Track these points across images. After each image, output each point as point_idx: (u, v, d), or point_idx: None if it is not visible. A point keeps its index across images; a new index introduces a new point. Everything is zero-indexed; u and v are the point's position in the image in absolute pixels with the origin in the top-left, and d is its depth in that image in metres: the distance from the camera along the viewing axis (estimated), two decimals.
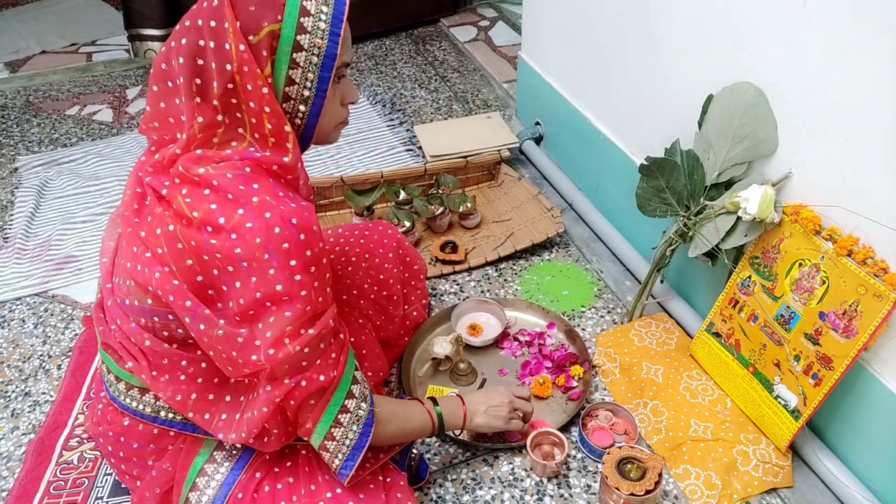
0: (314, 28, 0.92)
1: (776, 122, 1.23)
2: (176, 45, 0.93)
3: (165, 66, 0.95)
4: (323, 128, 1.01)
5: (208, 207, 0.91)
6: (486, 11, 3.20)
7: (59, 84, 2.81)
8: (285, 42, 0.91)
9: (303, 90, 0.95)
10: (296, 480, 1.09)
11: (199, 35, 0.90)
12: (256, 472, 1.10)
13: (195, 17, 0.92)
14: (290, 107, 0.96)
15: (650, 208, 1.40)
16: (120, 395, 1.09)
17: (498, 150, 2.06)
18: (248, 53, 0.90)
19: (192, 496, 1.09)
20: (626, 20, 1.61)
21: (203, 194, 0.92)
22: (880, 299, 1.08)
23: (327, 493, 1.06)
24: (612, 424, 1.36)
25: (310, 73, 0.94)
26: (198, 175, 0.93)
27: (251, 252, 0.89)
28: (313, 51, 0.93)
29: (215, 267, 0.92)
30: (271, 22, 0.90)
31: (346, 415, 1.01)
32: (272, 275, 0.90)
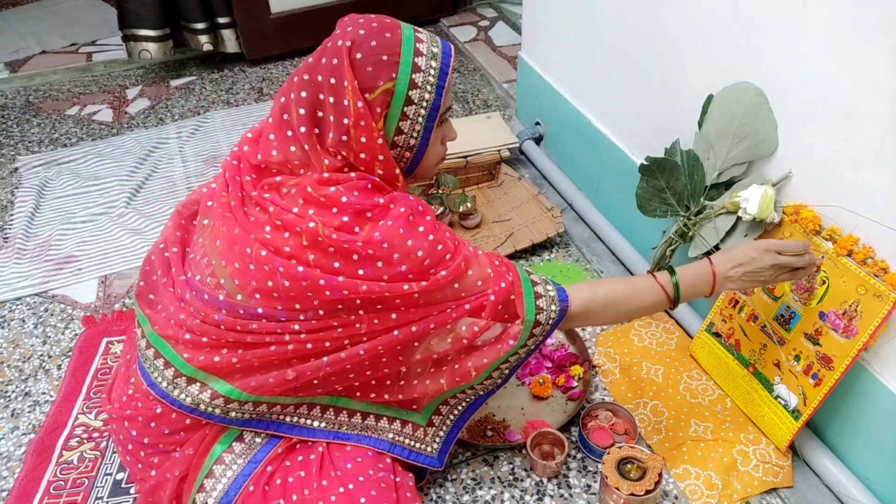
0: (424, 83, 1.01)
1: (776, 122, 1.23)
2: (296, 97, 1.02)
3: (287, 116, 1.04)
4: (424, 168, 1.11)
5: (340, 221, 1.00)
6: (486, 11, 3.20)
7: (59, 84, 2.81)
8: (398, 98, 1.01)
9: (410, 139, 1.05)
10: (307, 475, 1.10)
11: (319, 90, 1.00)
12: (268, 466, 1.11)
13: (314, 73, 1.00)
14: (397, 153, 1.06)
15: (650, 208, 1.40)
16: (163, 381, 1.09)
17: (498, 150, 2.06)
18: (364, 110, 0.99)
19: (207, 483, 1.10)
20: (626, 20, 1.61)
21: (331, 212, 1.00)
22: (880, 299, 1.08)
23: (339, 488, 1.08)
24: (612, 424, 1.36)
25: (417, 124, 1.03)
26: (325, 195, 1.00)
27: (389, 235, 1.00)
28: (422, 104, 1.02)
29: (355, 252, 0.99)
30: (386, 81, 0.99)
31: (542, 299, 1.09)
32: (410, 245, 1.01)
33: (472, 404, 1.22)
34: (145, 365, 1.12)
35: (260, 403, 1.08)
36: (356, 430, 1.16)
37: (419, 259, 1.01)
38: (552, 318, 1.10)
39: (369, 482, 1.09)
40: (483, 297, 1.06)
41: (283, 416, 1.12)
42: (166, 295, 1.14)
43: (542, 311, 1.09)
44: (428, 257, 1.02)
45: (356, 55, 0.99)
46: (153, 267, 1.19)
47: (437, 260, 1.03)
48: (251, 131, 1.12)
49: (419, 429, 1.19)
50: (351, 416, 1.15)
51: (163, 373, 1.09)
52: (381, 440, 1.16)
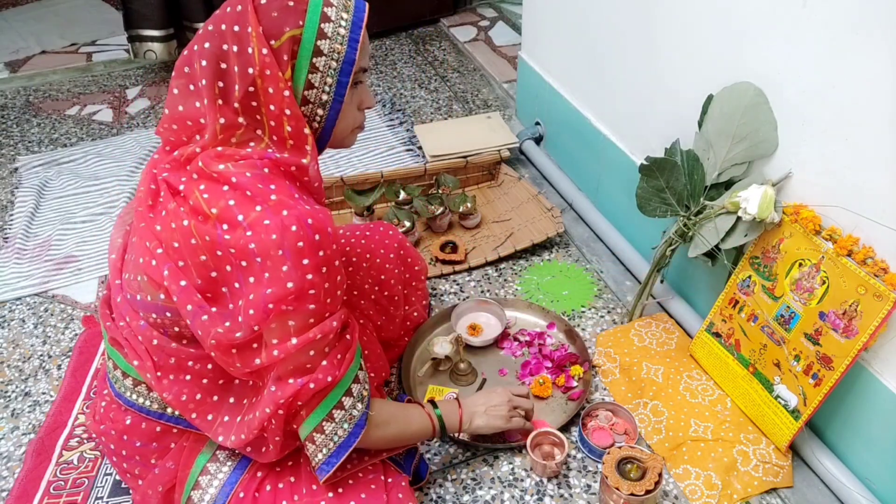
0: (334, 34, 0.95)
1: (776, 122, 1.23)
2: (199, 48, 0.95)
3: (188, 69, 0.97)
4: (339, 132, 1.04)
5: (226, 204, 0.93)
6: (486, 11, 3.20)
7: (59, 84, 2.81)
8: (306, 47, 0.94)
9: (321, 94, 0.98)
10: (297, 480, 1.09)
11: (223, 39, 0.93)
12: (258, 472, 1.10)
13: (218, 22, 0.94)
14: (309, 110, 0.98)
15: (650, 208, 1.40)
16: (126, 391, 1.09)
17: (498, 150, 2.06)
18: (270, 57, 0.92)
19: (194, 494, 1.09)
20: (626, 20, 1.61)
21: (221, 190, 0.94)
22: (880, 299, 1.08)
23: (329, 492, 1.06)
24: (612, 424, 1.36)
25: (329, 77, 0.97)
26: (217, 171, 0.94)
27: (266, 248, 0.90)
28: (333, 56, 0.96)
29: (229, 263, 0.93)
30: (293, 27, 0.93)
31: (341, 411, 1.01)
32: (284, 272, 0.91)
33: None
34: (109, 376, 1.12)
35: None
36: None
37: (286, 291, 0.91)
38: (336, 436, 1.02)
39: (359, 484, 1.09)
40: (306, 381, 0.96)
41: None
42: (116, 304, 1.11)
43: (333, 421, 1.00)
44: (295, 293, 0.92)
45: (261, 0, 0.93)
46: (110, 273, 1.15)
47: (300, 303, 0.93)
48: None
49: None
50: None
51: (122, 382, 1.09)
52: None
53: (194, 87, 0.97)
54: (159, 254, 0.97)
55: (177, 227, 0.95)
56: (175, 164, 1.00)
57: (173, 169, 1.00)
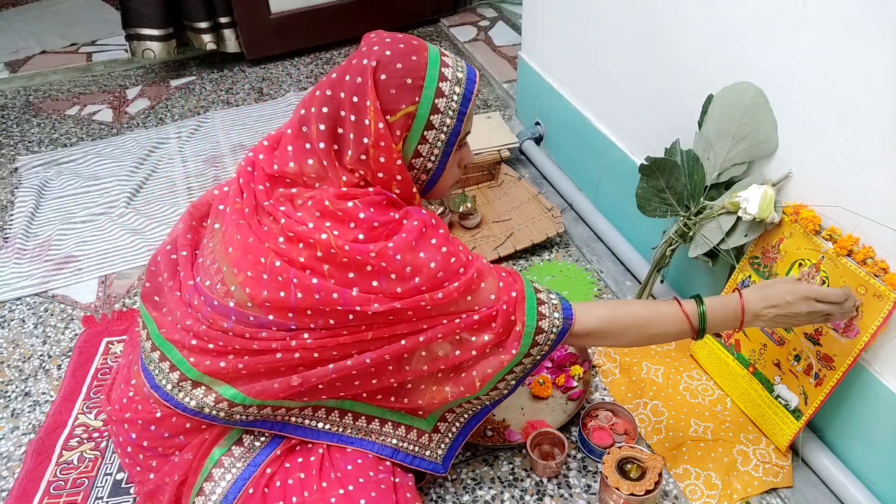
0: (446, 109, 1.02)
1: (776, 121, 1.23)
2: (317, 111, 1.02)
3: (306, 129, 1.04)
4: (439, 189, 1.12)
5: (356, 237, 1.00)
6: (486, 11, 3.20)
7: (59, 84, 2.81)
8: (419, 122, 1.01)
9: (427, 162, 1.06)
10: (307, 477, 1.10)
11: (341, 106, 1.00)
12: (268, 468, 1.11)
13: (337, 90, 1.00)
14: (414, 175, 1.06)
15: (650, 208, 1.40)
16: (168, 384, 1.09)
17: (498, 150, 2.06)
18: (385, 131, 0.99)
19: (206, 486, 1.10)
20: (626, 20, 1.61)
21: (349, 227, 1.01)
22: (880, 299, 1.08)
23: (339, 489, 1.07)
24: (612, 424, 1.36)
25: (436, 148, 1.04)
26: (343, 209, 1.01)
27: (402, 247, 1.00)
28: (443, 129, 1.02)
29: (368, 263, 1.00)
30: (409, 104, 1.00)
31: (544, 306, 1.08)
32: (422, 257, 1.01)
33: (477, 413, 1.22)
34: (150, 367, 1.12)
35: (265, 407, 1.08)
36: (360, 433, 1.15)
37: (432, 271, 1.01)
38: (555, 327, 1.08)
39: (369, 483, 1.09)
40: (493, 308, 1.06)
41: (288, 417, 1.12)
42: (172, 298, 1.13)
43: (545, 317, 1.08)
44: (441, 269, 1.02)
45: (381, 76, 0.99)
46: (159, 268, 1.18)
47: (450, 272, 1.03)
48: (267, 138, 1.12)
49: (424, 434, 1.19)
50: (356, 418, 1.15)
51: (168, 376, 1.09)
52: (384, 446, 1.15)
53: (311, 147, 1.04)
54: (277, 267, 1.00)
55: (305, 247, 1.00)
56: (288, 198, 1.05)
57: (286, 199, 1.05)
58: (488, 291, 1.06)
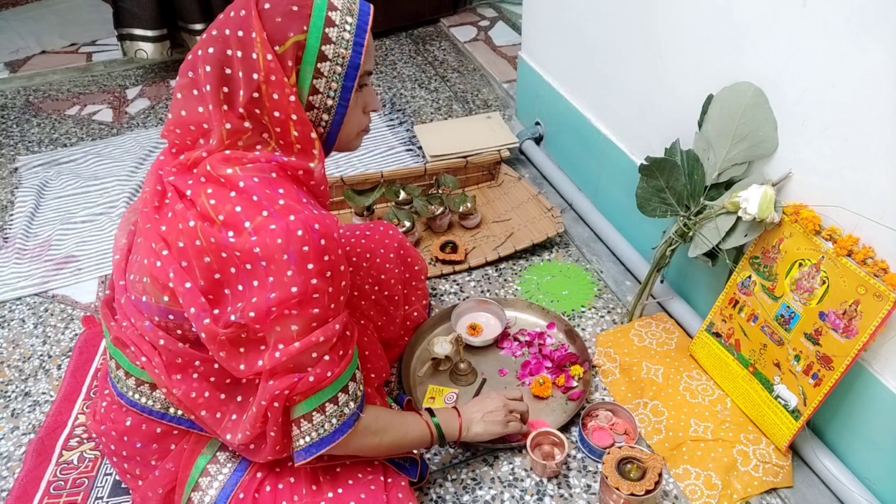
0: (338, 38, 0.95)
1: (776, 121, 1.23)
2: (203, 53, 0.94)
3: (192, 74, 0.97)
4: (345, 135, 1.04)
5: (232, 209, 0.93)
6: (486, 11, 3.20)
7: (59, 84, 2.81)
8: (310, 52, 0.94)
9: (326, 99, 0.98)
10: (297, 480, 1.09)
11: (227, 45, 0.93)
12: (258, 472, 1.10)
13: (222, 27, 0.94)
14: (314, 115, 0.99)
15: (650, 208, 1.40)
16: (128, 391, 1.09)
17: (498, 150, 2.06)
18: (275, 63, 0.92)
19: (194, 496, 1.09)
20: (626, 20, 1.61)
21: (228, 196, 0.94)
22: (880, 299, 1.08)
23: (329, 492, 1.07)
24: (612, 424, 1.36)
25: (333, 82, 0.97)
26: (224, 175, 0.94)
27: (271, 252, 0.90)
28: (337, 61, 0.96)
29: (233, 265, 0.93)
30: (297, 33, 0.93)
31: (334, 406, 1.01)
32: (289, 276, 0.91)
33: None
34: (111, 376, 1.12)
35: None
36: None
37: (289, 295, 0.92)
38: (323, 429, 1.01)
39: (359, 484, 1.09)
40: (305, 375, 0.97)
41: None
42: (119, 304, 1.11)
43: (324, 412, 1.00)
44: (299, 297, 0.92)
45: (264, 5, 0.93)
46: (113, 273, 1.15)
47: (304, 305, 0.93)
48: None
49: None
50: None
51: (125, 382, 1.09)
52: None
53: (198, 92, 0.97)
54: (164, 255, 0.97)
55: (183, 228, 0.95)
56: (181, 167, 1.00)
57: (180, 172, 1.00)
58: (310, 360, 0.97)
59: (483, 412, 1.25)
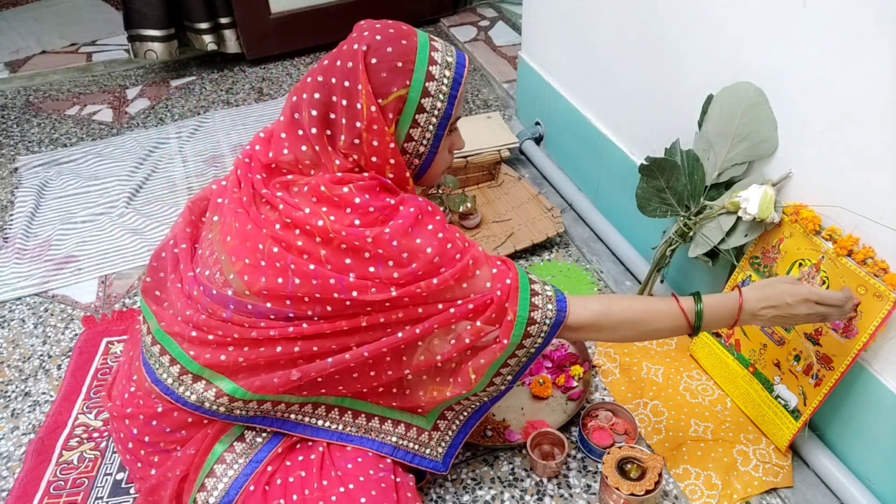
0: (437, 92, 1.03)
1: (776, 121, 1.23)
2: (308, 98, 1.02)
3: (298, 116, 1.04)
4: (432, 174, 1.12)
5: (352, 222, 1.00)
6: (486, 11, 3.20)
7: (59, 84, 2.81)
8: (410, 105, 1.02)
9: (419, 146, 1.06)
10: (308, 475, 1.10)
11: (332, 92, 1.01)
12: (269, 466, 1.11)
13: (328, 75, 1.01)
14: (407, 159, 1.07)
15: (650, 208, 1.40)
16: (169, 378, 1.09)
17: (498, 150, 2.06)
18: (377, 114, 1.00)
19: (208, 482, 1.10)
20: (626, 20, 1.61)
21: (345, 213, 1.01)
22: (880, 299, 1.08)
23: (340, 487, 1.08)
24: (612, 424, 1.36)
25: (428, 132, 1.04)
26: (339, 195, 1.00)
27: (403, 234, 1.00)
28: (434, 112, 1.03)
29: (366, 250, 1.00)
30: (400, 87, 1.00)
31: (537, 297, 1.08)
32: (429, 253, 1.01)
33: (476, 411, 1.22)
34: (150, 361, 1.12)
35: (265, 402, 1.08)
36: (360, 431, 1.15)
37: (429, 256, 1.01)
38: (548, 318, 1.07)
39: (370, 482, 1.09)
40: (488, 296, 1.05)
41: (288, 413, 1.12)
42: (174, 291, 1.14)
43: (538, 308, 1.07)
44: (437, 255, 1.02)
45: (371, 60, 0.99)
46: (161, 264, 1.19)
47: (446, 258, 1.03)
48: (263, 131, 1.13)
49: (424, 433, 1.19)
50: (356, 416, 1.15)
51: (168, 369, 1.09)
52: (384, 444, 1.16)
53: (303, 133, 1.04)
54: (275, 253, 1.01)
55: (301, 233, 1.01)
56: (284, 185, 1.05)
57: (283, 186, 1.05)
58: (483, 279, 1.06)
59: (777, 311, 1.07)
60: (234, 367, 1.06)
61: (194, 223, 1.20)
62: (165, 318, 1.11)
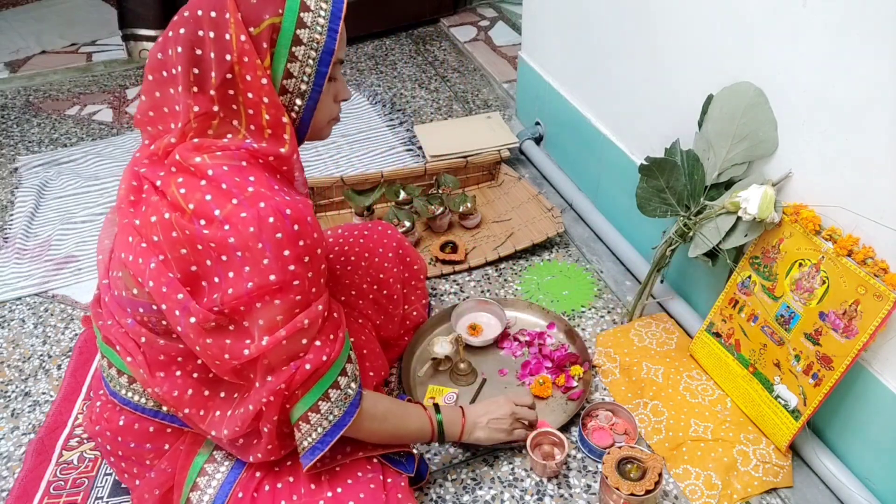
0: (313, 23, 0.94)
1: (776, 121, 1.23)
2: (174, 34, 0.93)
3: (161, 55, 0.96)
4: (317, 123, 1.03)
5: (202, 198, 0.92)
6: (486, 11, 3.20)
7: (59, 84, 2.81)
8: (285, 35, 0.93)
9: (300, 84, 0.97)
10: (296, 479, 1.09)
11: (199, 25, 0.91)
12: (257, 472, 1.10)
13: (195, 8, 0.92)
14: (287, 100, 0.98)
15: (650, 208, 1.40)
16: (121, 388, 1.09)
17: (498, 150, 2.06)
18: (248, 44, 0.91)
19: (192, 496, 1.09)
20: (626, 20, 1.61)
21: (198, 185, 0.93)
22: (880, 299, 1.08)
23: (328, 492, 1.06)
24: (612, 424, 1.36)
25: (307, 67, 0.96)
26: (194, 164, 0.93)
27: (245, 241, 0.90)
28: (312, 45, 0.95)
29: (209, 257, 0.93)
30: (272, 15, 0.92)
31: (336, 391, 1.01)
32: (265, 265, 0.91)
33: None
34: (104, 375, 1.12)
35: None
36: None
37: (268, 283, 0.92)
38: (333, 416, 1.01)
39: (358, 484, 1.08)
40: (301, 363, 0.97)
41: None
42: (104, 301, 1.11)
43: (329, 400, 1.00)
44: (278, 283, 0.92)
45: None
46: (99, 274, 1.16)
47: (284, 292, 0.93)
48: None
49: None
50: None
51: (118, 380, 1.09)
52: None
53: (168, 74, 0.96)
54: (142, 248, 0.96)
55: (157, 220, 0.94)
56: (153, 157, 0.99)
57: (151, 163, 0.99)
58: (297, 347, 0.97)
59: (489, 417, 1.25)
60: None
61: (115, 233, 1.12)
62: (104, 330, 1.08)
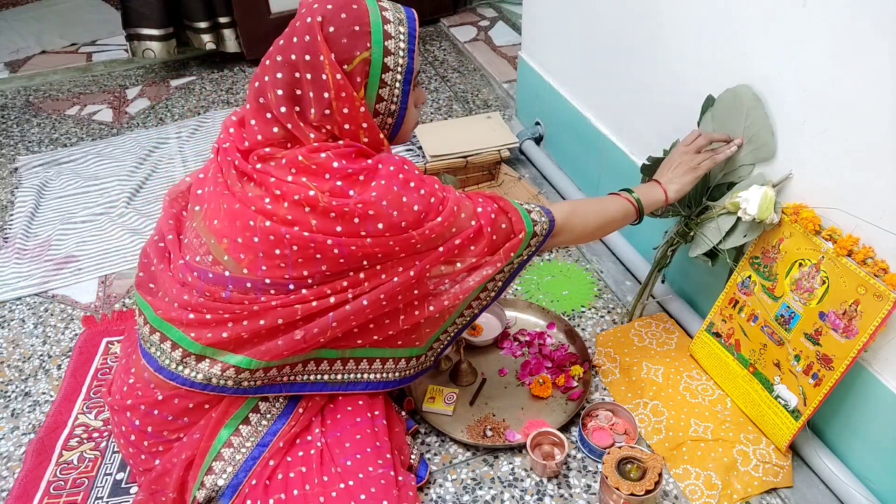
0: (396, 49, 1.05)
1: (773, 127, 1.23)
2: (271, 79, 1.03)
3: (263, 100, 1.06)
4: (404, 132, 1.15)
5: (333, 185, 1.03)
6: (486, 11, 3.20)
7: (59, 84, 2.81)
8: (375, 66, 1.04)
9: (390, 105, 1.09)
10: (308, 470, 1.12)
11: (295, 68, 1.02)
12: (270, 461, 1.13)
13: (287, 53, 1.02)
14: (380, 121, 1.10)
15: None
16: (172, 363, 1.11)
17: (498, 150, 2.06)
18: (344, 81, 1.02)
19: (216, 465, 1.12)
20: (626, 20, 1.61)
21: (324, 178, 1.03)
22: (880, 299, 1.08)
23: (340, 484, 1.09)
24: (612, 424, 1.36)
25: (395, 89, 1.07)
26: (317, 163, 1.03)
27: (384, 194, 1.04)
28: (398, 70, 1.06)
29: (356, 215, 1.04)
30: (362, 50, 1.03)
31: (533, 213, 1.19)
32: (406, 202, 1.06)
33: (466, 323, 1.27)
34: (150, 350, 1.14)
35: (270, 368, 1.11)
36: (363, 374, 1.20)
37: (415, 213, 1.06)
38: (545, 229, 1.18)
39: (369, 479, 1.11)
40: (470, 230, 1.12)
41: (294, 376, 1.15)
42: (166, 280, 1.16)
43: (537, 223, 1.18)
44: (423, 210, 1.07)
45: (329, 29, 1.01)
46: (149, 258, 1.21)
47: (430, 209, 1.08)
48: (234, 114, 1.14)
49: (421, 356, 1.25)
50: (357, 363, 1.19)
51: (170, 355, 1.11)
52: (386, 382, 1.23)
53: (271, 116, 1.05)
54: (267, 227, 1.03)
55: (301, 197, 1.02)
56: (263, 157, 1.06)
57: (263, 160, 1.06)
58: (467, 219, 1.13)
59: (671, 169, 1.30)
60: (237, 342, 1.09)
61: (176, 216, 1.23)
62: (161, 307, 1.13)
